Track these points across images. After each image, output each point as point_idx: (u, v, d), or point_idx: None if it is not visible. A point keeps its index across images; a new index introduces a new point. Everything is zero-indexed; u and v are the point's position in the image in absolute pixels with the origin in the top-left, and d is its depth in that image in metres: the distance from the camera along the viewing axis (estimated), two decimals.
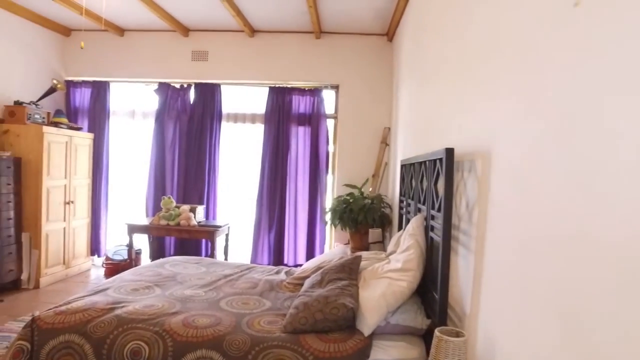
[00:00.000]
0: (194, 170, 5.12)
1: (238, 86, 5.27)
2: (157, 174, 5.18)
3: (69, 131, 4.76)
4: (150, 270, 2.86)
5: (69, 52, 5.31)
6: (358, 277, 2.32)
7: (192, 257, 3.40)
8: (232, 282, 2.74)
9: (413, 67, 3.43)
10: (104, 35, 5.21)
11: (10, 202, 4.19)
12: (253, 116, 5.24)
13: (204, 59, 5.14)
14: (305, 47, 5.02)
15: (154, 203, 5.14)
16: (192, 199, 5.08)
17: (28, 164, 4.35)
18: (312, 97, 5.08)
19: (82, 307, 2.09)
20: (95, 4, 4.27)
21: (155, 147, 5.18)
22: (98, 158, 5.22)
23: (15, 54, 4.61)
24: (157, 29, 5.10)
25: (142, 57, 5.20)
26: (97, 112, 5.26)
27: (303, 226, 5.07)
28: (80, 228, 5.00)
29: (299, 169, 5.08)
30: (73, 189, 4.83)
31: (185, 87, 5.21)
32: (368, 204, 4.11)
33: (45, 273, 4.50)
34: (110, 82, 5.29)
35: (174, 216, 4.51)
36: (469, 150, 1.78)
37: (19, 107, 4.43)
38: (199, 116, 5.12)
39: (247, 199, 5.23)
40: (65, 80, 5.31)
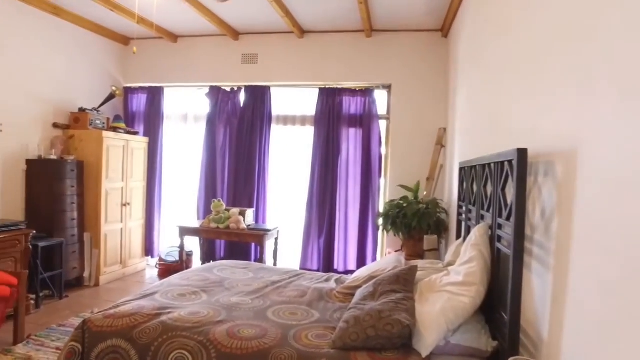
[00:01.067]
0: (244, 173, 5.12)
1: (288, 88, 5.22)
2: (208, 176, 5.24)
3: (126, 135, 4.92)
4: (198, 274, 2.83)
5: (127, 60, 5.52)
6: (414, 290, 2.13)
7: (240, 262, 3.35)
8: (280, 290, 2.64)
9: (472, 64, 3.17)
10: (159, 42, 5.36)
11: (74, 203, 4.38)
12: (303, 118, 5.16)
13: (253, 61, 5.14)
14: (355, 47, 4.88)
15: (205, 206, 5.20)
16: (242, 202, 5.08)
17: (89, 167, 4.54)
18: (363, 97, 4.92)
19: (129, 311, 2.06)
20: (150, 11, 4.38)
21: (207, 150, 5.25)
22: (152, 161, 5.37)
23: (80, 64, 4.85)
24: (208, 34, 5.17)
25: (194, 62, 5.30)
26: (151, 116, 5.42)
27: (354, 231, 4.92)
28: (135, 229, 5.16)
29: (350, 172, 4.93)
30: (129, 191, 5.00)
31: (236, 90, 5.23)
32: (423, 208, 3.89)
33: (105, 272, 4.67)
34: (165, 87, 5.44)
35: (224, 219, 4.52)
36: (544, 150, 1.55)
37: (83, 114, 4.64)
38: (249, 119, 5.12)
39: (297, 203, 5.16)
40: (124, 87, 5.52)
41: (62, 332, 3.32)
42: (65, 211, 4.27)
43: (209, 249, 5.20)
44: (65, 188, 4.25)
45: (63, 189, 4.24)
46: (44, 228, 4.12)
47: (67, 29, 4.64)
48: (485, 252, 1.96)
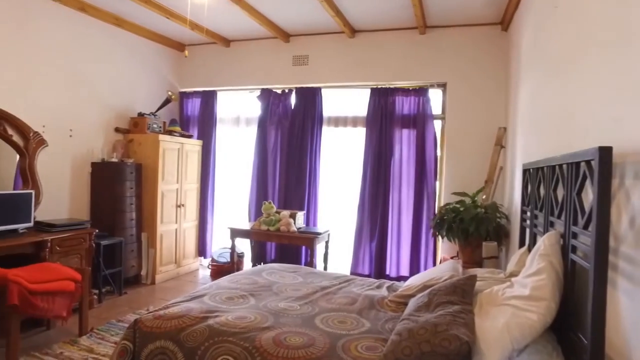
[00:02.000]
0: (294, 175, 5.10)
1: (339, 89, 5.14)
2: (259, 179, 5.28)
3: (181, 138, 5.07)
4: (247, 277, 2.81)
5: (183, 65, 5.69)
6: (473, 302, 1.96)
7: (290, 266, 3.30)
8: (329, 296, 2.55)
9: (538, 57, 2.91)
10: (212, 47, 5.49)
11: (133, 204, 4.56)
12: (354, 119, 5.06)
13: (304, 63, 5.11)
14: (408, 44, 4.70)
15: (256, 208, 5.23)
16: (293, 205, 5.05)
17: (147, 169, 4.71)
18: (417, 97, 4.73)
19: (178, 313, 2.06)
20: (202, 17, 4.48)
21: (258, 153, 5.28)
22: (206, 164, 5.49)
23: (139, 71, 5.06)
24: (259, 37, 5.21)
25: (246, 65, 5.36)
26: (205, 120, 5.55)
27: (407, 235, 4.73)
28: (189, 230, 5.30)
29: (403, 174, 4.76)
30: (184, 193, 5.14)
31: (287, 92, 5.23)
32: (481, 213, 3.64)
33: (160, 270, 4.82)
34: (218, 91, 5.55)
35: (274, 221, 4.51)
36: (633, 149, 1.34)
37: (141, 118, 4.84)
38: (300, 121, 5.09)
39: (349, 206, 5.05)
40: (179, 92, 5.70)
41: (120, 327, 3.44)
42: (125, 211, 4.45)
43: (260, 251, 5.23)
44: (125, 189, 4.44)
45: (123, 191, 4.42)
46: (106, 227, 4.32)
47: (127, 39, 4.87)
48: (556, 263, 1.75)
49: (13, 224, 3.39)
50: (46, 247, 3.40)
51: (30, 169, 3.77)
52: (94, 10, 4.37)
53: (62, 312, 3.02)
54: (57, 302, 2.97)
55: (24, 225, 3.47)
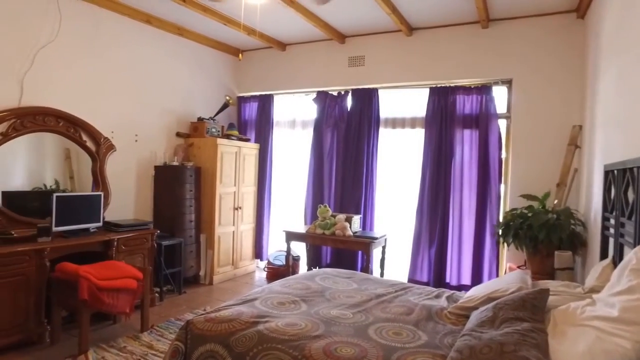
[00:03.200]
0: (351, 178, 5.00)
1: (396, 89, 4.97)
2: (315, 182, 5.24)
3: (238, 142, 5.16)
4: (300, 282, 2.75)
5: (240, 71, 5.82)
6: (545, 319, 1.74)
7: (344, 271, 3.20)
8: (385, 305, 2.42)
9: (624, 43, 2.59)
10: (268, 52, 5.56)
11: (192, 206, 4.71)
12: (412, 120, 4.87)
13: (360, 64, 5.01)
14: (469, 40, 4.44)
15: (312, 211, 5.20)
16: (349, 208, 4.96)
17: (205, 172, 4.85)
18: (479, 95, 4.46)
19: (228, 316, 2.04)
20: (259, 22, 4.54)
21: (314, 156, 5.25)
22: (262, 167, 5.56)
23: (199, 77, 5.24)
24: (315, 39, 5.19)
25: (302, 68, 5.36)
26: (262, 123, 5.62)
27: (469, 242, 4.46)
28: (246, 232, 5.38)
29: (465, 177, 4.49)
30: (241, 195, 5.22)
31: (343, 94, 5.16)
32: (552, 219, 3.32)
33: (218, 271, 4.92)
34: (274, 94, 5.60)
35: (330, 225, 4.43)
36: None
37: (201, 123, 4.99)
38: (356, 123, 4.99)
39: (407, 210, 4.87)
40: (237, 96, 5.82)
41: (178, 325, 3.53)
42: (185, 213, 4.60)
43: (315, 254, 5.18)
44: (184, 192, 4.59)
45: (183, 193, 4.57)
46: (167, 228, 4.49)
47: (188, 47, 5.05)
48: None
49: (86, 224, 3.61)
50: (113, 245, 3.58)
51: (100, 172, 4.01)
52: (158, 21, 4.58)
53: (125, 309, 3.15)
54: (121, 298, 3.10)
55: (95, 224, 3.68)
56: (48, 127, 3.60)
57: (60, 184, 3.77)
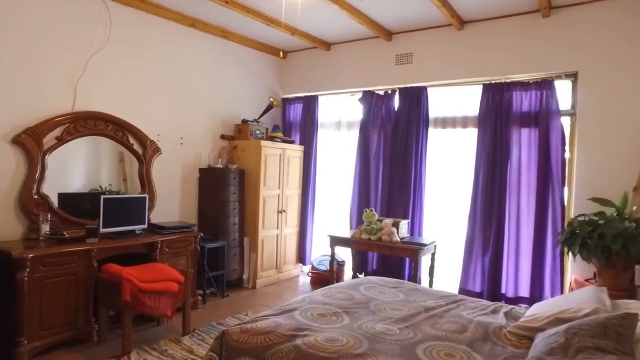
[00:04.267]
0: (398, 181, 4.78)
1: (446, 87, 4.69)
2: (361, 185, 5.06)
3: (283, 144, 5.09)
4: (343, 292, 2.58)
5: (285, 72, 5.76)
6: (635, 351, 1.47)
7: (391, 280, 3.01)
8: (435, 320, 2.21)
9: None
10: (313, 52, 5.46)
11: (236, 209, 4.68)
12: (464, 120, 4.57)
13: (408, 62, 4.78)
14: (527, 31, 4.09)
15: (358, 215, 5.03)
16: (396, 213, 4.73)
17: (249, 175, 4.81)
18: (538, 91, 4.09)
19: (265, 328, 1.92)
20: (303, 23, 4.45)
21: (360, 158, 5.08)
22: (307, 169, 5.45)
23: (243, 79, 5.23)
24: (360, 37, 5.02)
25: (347, 68, 5.21)
26: (306, 125, 5.52)
27: (527, 250, 4.10)
28: (290, 236, 5.29)
29: (523, 180, 4.14)
30: (285, 198, 5.14)
31: (390, 94, 4.95)
32: (631, 228, 2.94)
33: (261, 275, 4.87)
34: (319, 95, 5.49)
35: (376, 230, 4.24)
36: None
37: (245, 125, 4.97)
38: (404, 123, 4.76)
39: (458, 215, 4.57)
40: (281, 98, 5.77)
41: (219, 330, 3.45)
42: (228, 216, 4.58)
43: (361, 260, 4.99)
44: (228, 194, 4.57)
45: (227, 196, 4.55)
46: (211, 231, 4.49)
47: (233, 49, 5.05)
48: None
49: (131, 225, 3.65)
50: (157, 247, 3.60)
51: (147, 175, 4.06)
52: (203, 25, 4.61)
53: (167, 312, 3.13)
54: (162, 301, 3.09)
55: (140, 226, 3.72)
56: (98, 130, 3.69)
57: (114, 186, 3.86)
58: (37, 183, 3.28)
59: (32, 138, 3.26)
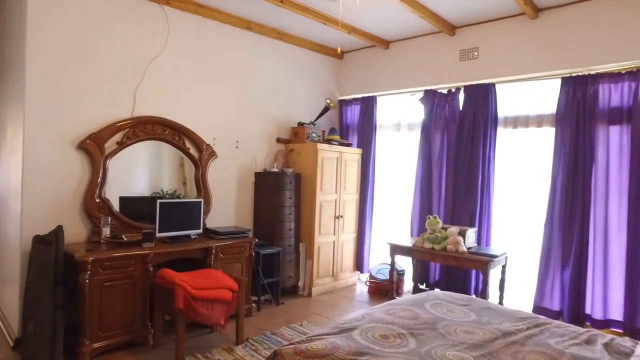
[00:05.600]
0: (463, 186, 4.41)
1: (517, 83, 4.27)
2: (422, 190, 4.75)
3: (339, 147, 4.90)
4: (407, 309, 2.33)
5: (341, 73, 5.58)
6: None
7: (459, 296, 2.70)
8: (516, 348, 1.90)
9: None
10: (371, 51, 5.24)
11: (292, 214, 4.55)
12: (539, 118, 4.12)
13: (473, 57, 4.41)
14: (617, 14, 3.57)
15: (420, 222, 4.72)
16: (462, 220, 4.37)
17: (305, 179, 4.67)
18: (632, 82, 3.57)
19: (321, 350, 1.72)
20: (360, 21, 4.25)
21: (421, 161, 4.77)
22: (365, 173, 5.22)
23: (299, 81, 5.11)
24: (421, 33, 4.73)
25: (406, 66, 4.93)
26: (364, 127, 5.30)
27: (618, 264, 3.58)
28: (347, 243, 5.08)
29: (612, 184, 3.63)
30: (342, 203, 4.95)
31: (454, 92, 4.60)
32: None
33: (317, 283, 4.70)
34: (377, 96, 5.25)
35: (440, 239, 3.92)
36: None
37: (301, 128, 4.84)
38: (470, 123, 4.40)
39: (532, 223, 4.13)
40: (338, 100, 5.59)
41: (273, 340, 3.35)
42: (284, 221, 4.46)
43: (422, 270, 4.67)
44: (284, 199, 4.45)
45: (282, 200, 4.44)
46: (266, 236, 4.39)
47: (288, 51, 4.95)
48: None
49: (187, 230, 3.63)
50: (211, 253, 3.54)
51: (202, 179, 4.05)
52: (258, 27, 4.55)
53: (219, 320, 3.04)
54: (215, 309, 3.00)
55: (195, 231, 3.69)
56: (156, 135, 3.72)
57: (174, 190, 3.88)
58: (99, 187, 3.33)
59: (95, 143, 3.33)
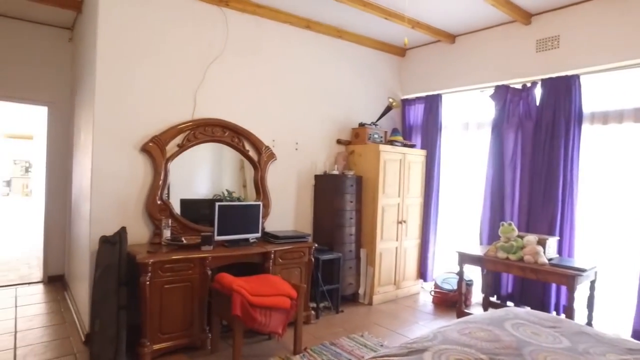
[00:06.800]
0: (541, 190, 3.98)
1: (608, 73, 3.77)
2: (494, 193, 4.35)
3: (403, 148, 4.65)
4: (484, 329, 2.05)
5: (404, 72, 5.32)
6: None
7: (544, 315, 2.35)
8: None
9: None
10: (435, 47, 4.95)
11: (352, 218, 4.37)
12: (636, 112, 3.61)
13: (553, 46, 3.97)
14: None
15: (490, 229, 4.34)
16: (539, 228, 3.94)
17: (367, 182, 4.47)
18: None
19: None
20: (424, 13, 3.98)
21: (492, 162, 4.38)
22: (429, 176, 4.91)
23: (359, 80, 4.92)
24: (491, 24, 4.36)
25: (474, 61, 4.57)
26: (429, 127, 4.99)
27: None
28: (410, 249, 4.80)
29: None
30: (405, 207, 4.68)
31: (529, 87, 4.18)
32: None
33: (378, 291, 4.47)
34: (442, 94, 4.92)
35: (516, 248, 3.53)
36: None
37: (362, 129, 4.65)
38: (548, 120, 3.96)
39: (626, 232, 3.62)
40: (401, 99, 5.32)
41: (332, 351, 3.18)
42: (344, 226, 4.28)
43: (494, 281, 4.28)
44: (344, 203, 4.28)
45: (343, 204, 4.27)
46: (325, 241, 4.24)
47: (348, 49, 4.79)
48: None
49: (245, 234, 3.56)
50: (270, 258, 3.45)
51: (261, 182, 3.98)
52: (318, 25, 4.43)
53: (278, 329, 2.92)
54: (273, 317, 2.89)
55: (254, 235, 3.61)
56: (216, 137, 3.70)
57: (234, 192, 3.87)
58: (160, 189, 3.37)
59: (157, 146, 3.37)
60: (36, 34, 4.51)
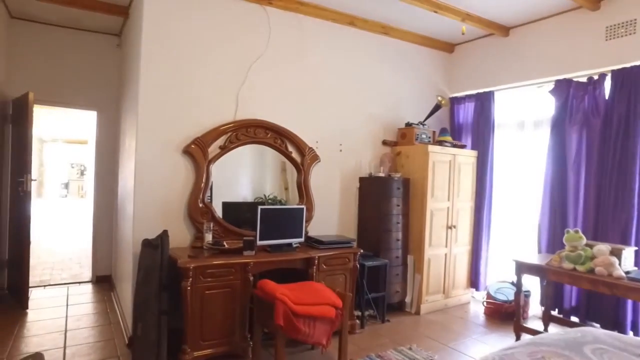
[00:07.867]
0: (611, 194, 3.59)
1: None
2: (554, 198, 3.99)
3: (452, 149, 4.38)
4: (560, 353, 1.78)
5: (453, 68, 5.04)
6: None
7: (631, 340, 2.04)
8: None
9: None
10: (486, 41, 4.65)
11: (399, 223, 4.16)
12: None
13: (628, 32, 3.57)
14: None
15: (550, 236, 3.98)
16: (609, 236, 3.56)
17: (415, 184, 4.24)
18: None
19: None
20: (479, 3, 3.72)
21: (552, 164, 4.02)
22: (481, 178, 4.60)
23: (405, 78, 4.69)
24: (551, 13, 4.01)
25: (531, 54, 4.22)
26: (480, 126, 4.68)
27: None
28: (461, 256, 4.51)
29: None
30: (455, 212, 4.41)
31: (596, 80, 3.79)
32: None
33: (426, 300, 4.22)
34: (495, 91, 4.59)
35: (584, 258, 3.18)
36: None
37: (409, 129, 4.43)
38: (620, 117, 3.57)
39: None
40: (449, 98, 5.04)
41: None
42: (391, 231, 4.07)
43: (555, 293, 3.92)
44: (391, 207, 4.07)
45: (389, 208, 4.06)
46: (371, 247, 4.05)
47: (394, 46, 4.57)
48: None
49: (288, 238, 3.44)
50: (313, 264, 3.30)
51: (305, 184, 3.85)
52: (362, 22, 4.26)
53: (322, 340, 2.76)
54: (317, 327, 2.73)
55: (297, 240, 3.48)
56: (258, 139, 3.61)
57: (277, 195, 3.77)
58: (202, 192, 3.31)
59: (199, 148, 3.31)
60: (86, 41, 4.64)
